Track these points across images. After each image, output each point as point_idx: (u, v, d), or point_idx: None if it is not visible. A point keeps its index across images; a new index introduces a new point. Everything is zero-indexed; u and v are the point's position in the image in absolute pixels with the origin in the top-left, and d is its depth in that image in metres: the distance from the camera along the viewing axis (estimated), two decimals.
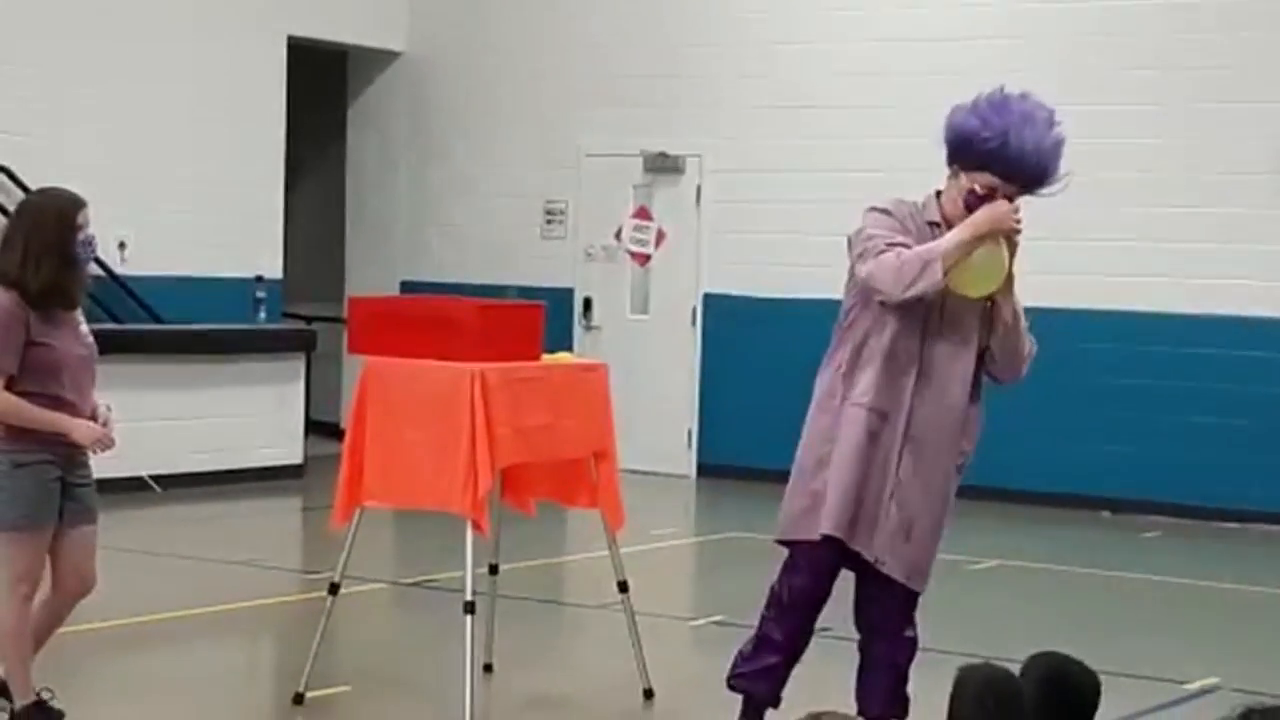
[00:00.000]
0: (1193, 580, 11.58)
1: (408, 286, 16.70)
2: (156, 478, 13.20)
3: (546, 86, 16.53)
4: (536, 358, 7.73)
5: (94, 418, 6.88)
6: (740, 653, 6.75)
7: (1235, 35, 13.87)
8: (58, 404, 6.76)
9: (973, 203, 6.41)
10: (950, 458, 6.57)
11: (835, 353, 6.57)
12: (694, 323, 15.84)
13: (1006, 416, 14.48)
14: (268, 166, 15.64)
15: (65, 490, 6.86)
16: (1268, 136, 13.71)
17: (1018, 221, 6.43)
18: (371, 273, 17.25)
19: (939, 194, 6.58)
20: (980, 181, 6.42)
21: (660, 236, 16.02)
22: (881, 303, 6.38)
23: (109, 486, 7.23)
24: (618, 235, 16.19)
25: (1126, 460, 14.15)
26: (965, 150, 6.42)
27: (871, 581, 6.60)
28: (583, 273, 16.35)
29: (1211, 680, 8.56)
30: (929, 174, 6.77)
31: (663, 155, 15.89)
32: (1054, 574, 11.71)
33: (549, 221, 16.61)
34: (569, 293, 16.18)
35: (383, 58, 17.35)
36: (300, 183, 17.34)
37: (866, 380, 6.43)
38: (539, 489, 8.11)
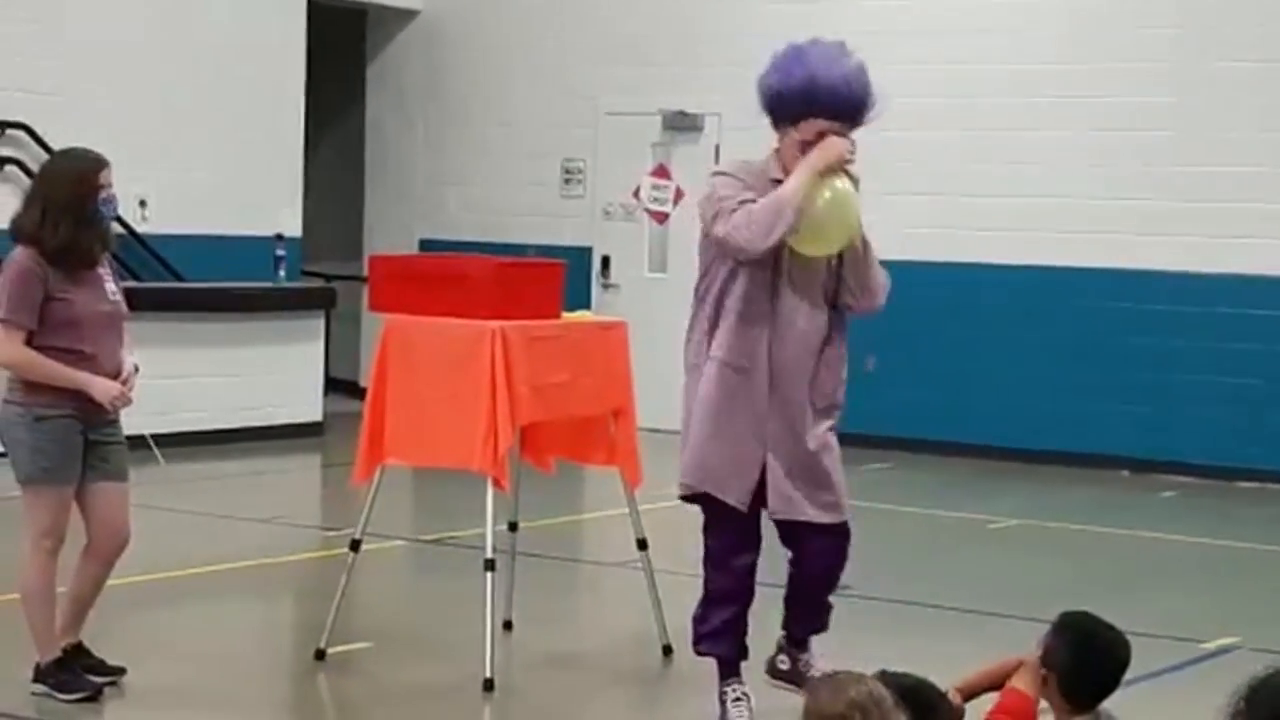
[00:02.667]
0: (1211, 540, 11.58)
1: (426, 245, 16.70)
2: (176, 435, 13.26)
3: (565, 45, 16.50)
4: (556, 316, 7.74)
5: (117, 374, 6.91)
6: (694, 618, 6.84)
7: None
8: (79, 359, 6.80)
9: (809, 151, 6.48)
10: (806, 396, 6.58)
11: (697, 319, 6.73)
12: None
13: (1026, 376, 14.56)
14: (287, 125, 15.65)
15: (92, 448, 6.90)
16: None
17: (851, 151, 6.50)
18: (390, 231, 17.26)
19: (777, 152, 6.65)
20: (809, 130, 6.50)
21: (679, 195, 16.00)
22: (737, 261, 6.48)
23: (132, 444, 7.25)
24: (636, 194, 16.18)
25: (1145, 420, 14.14)
26: (783, 106, 6.55)
27: (799, 533, 6.70)
28: (601, 231, 16.35)
29: (1230, 640, 8.56)
30: (949, 130, 6.79)
31: (681, 113, 15.86)
32: (1073, 533, 11.72)
33: (567, 180, 16.61)
34: (587, 251, 16.18)
35: (401, 16, 17.34)
36: (319, 141, 17.35)
37: (722, 336, 6.58)
38: (558, 447, 8.14)
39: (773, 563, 6.94)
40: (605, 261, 16.30)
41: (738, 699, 6.79)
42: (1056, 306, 14.36)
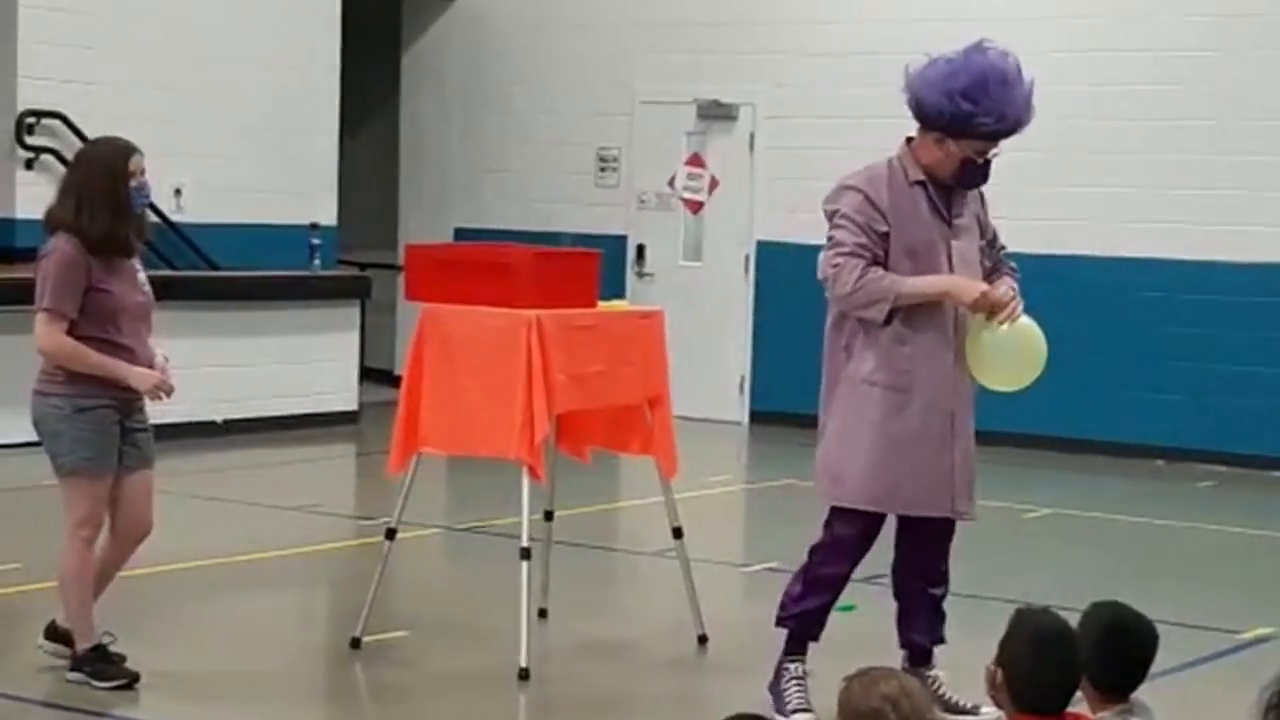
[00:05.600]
0: (1246, 530, 11.54)
1: (461, 234, 16.72)
2: (210, 424, 13.35)
3: (600, 33, 16.50)
4: (592, 305, 7.74)
5: (151, 366, 6.94)
6: (789, 594, 6.84)
7: None
8: (115, 350, 6.83)
9: (968, 172, 6.59)
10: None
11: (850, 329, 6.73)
12: (746, 270, 15.83)
13: (1060, 366, 14.48)
14: (323, 114, 15.66)
15: (124, 435, 6.93)
16: None
17: (1003, 304, 6.59)
18: (426, 220, 17.28)
19: (909, 141, 6.71)
20: (968, 149, 6.58)
21: (713, 184, 16.00)
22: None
23: (166, 432, 7.27)
24: (671, 183, 16.17)
25: (1180, 409, 14.09)
26: (951, 124, 6.55)
27: (916, 527, 6.67)
28: (636, 220, 16.35)
29: (1266, 630, 8.54)
30: None
31: (716, 103, 15.86)
32: (1107, 523, 11.69)
33: (602, 169, 16.61)
34: (622, 240, 16.18)
35: (438, 5, 17.35)
36: (355, 130, 17.37)
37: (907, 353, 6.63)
38: (594, 436, 8.14)
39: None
40: (640, 250, 16.30)
41: (797, 678, 6.80)
42: (1092, 296, 14.31)
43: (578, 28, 16.62)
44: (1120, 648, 4.48)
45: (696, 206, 16.10)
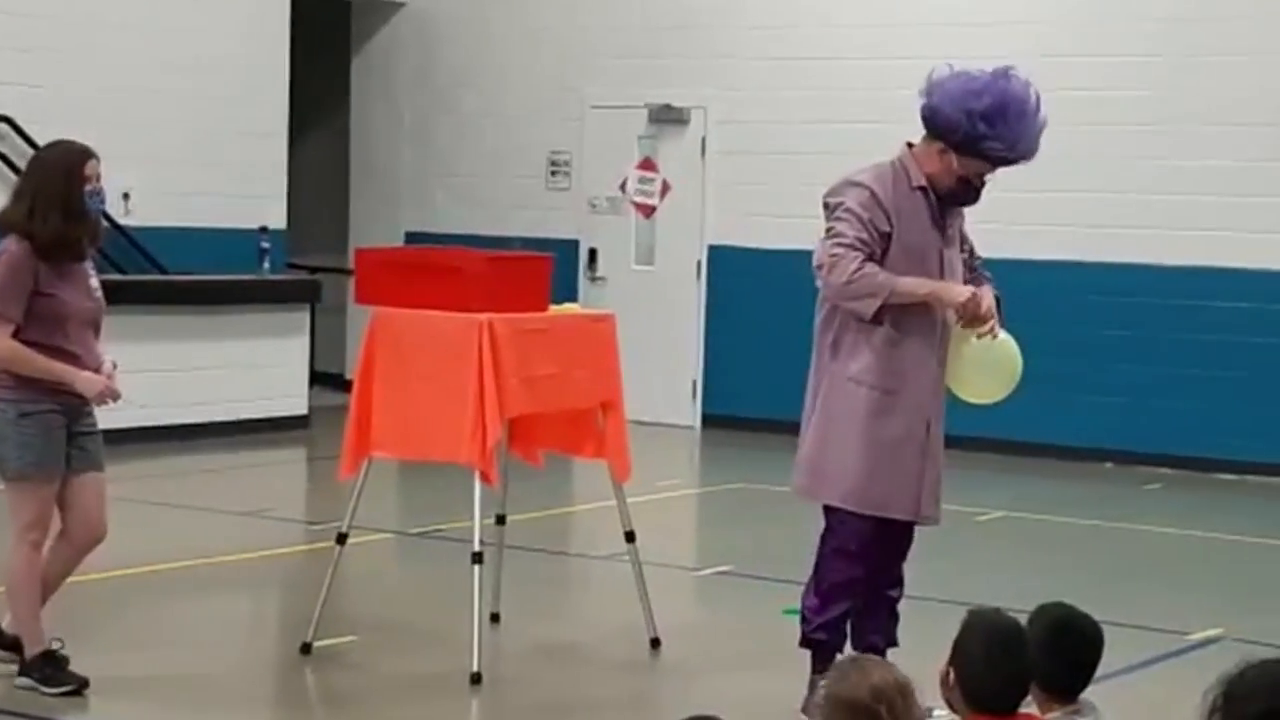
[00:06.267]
0: (1194, 531, 11.61)
1: (412, 238, 16.69)
2: (159, 429, 13.27)
3: (551, 37, 16.49)
4: (544, 309, 7.74)
5: (98, 371, 6.91)
6: (807, 608, 6.81)
7: None
8: (60, 356, 6.80)
9: (962, 190, 6.64)
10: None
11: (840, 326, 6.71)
12: (698, 275, 15.84)
13: None
14: (272, 117, 15.62)
15: (71, 439, 6.90)
16: (1268, 89, 13.68)
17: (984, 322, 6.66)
18: (376, 224, 17.25)
19: (910, 146, 6.71)
20: (969, 168, 6.62)
21: (665, 188, 16.01)
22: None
23: (113, 438, 7.23)
24: (623, 187, 16.17)
25: (1128, 412, 14.16)
26: (969, 148, 6.58)
27: (881, 534, 6.71)
28: (587, 224, 16.35)
29: (1214, 631, 8.59)
30: None
31: (668, 107, 15.87)
32: (1058, 525, 11.75)
33: (554, 173, 16.60)
34: (574, 244, 16.17)
35: (387, 8, 17.32)
36: (305, 134, 17.32)
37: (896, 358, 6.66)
38: (546, 440, 8.13)
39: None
40: (592, 254, 16.30)
41: None
42: (1037, 299, 14.35)
43: (528, 31, 16.61)
44: (1067, 649, 4.51)
45: (648, 210, 16.11)
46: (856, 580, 6.74)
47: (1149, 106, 14.03)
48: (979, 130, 6.51)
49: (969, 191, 6.71)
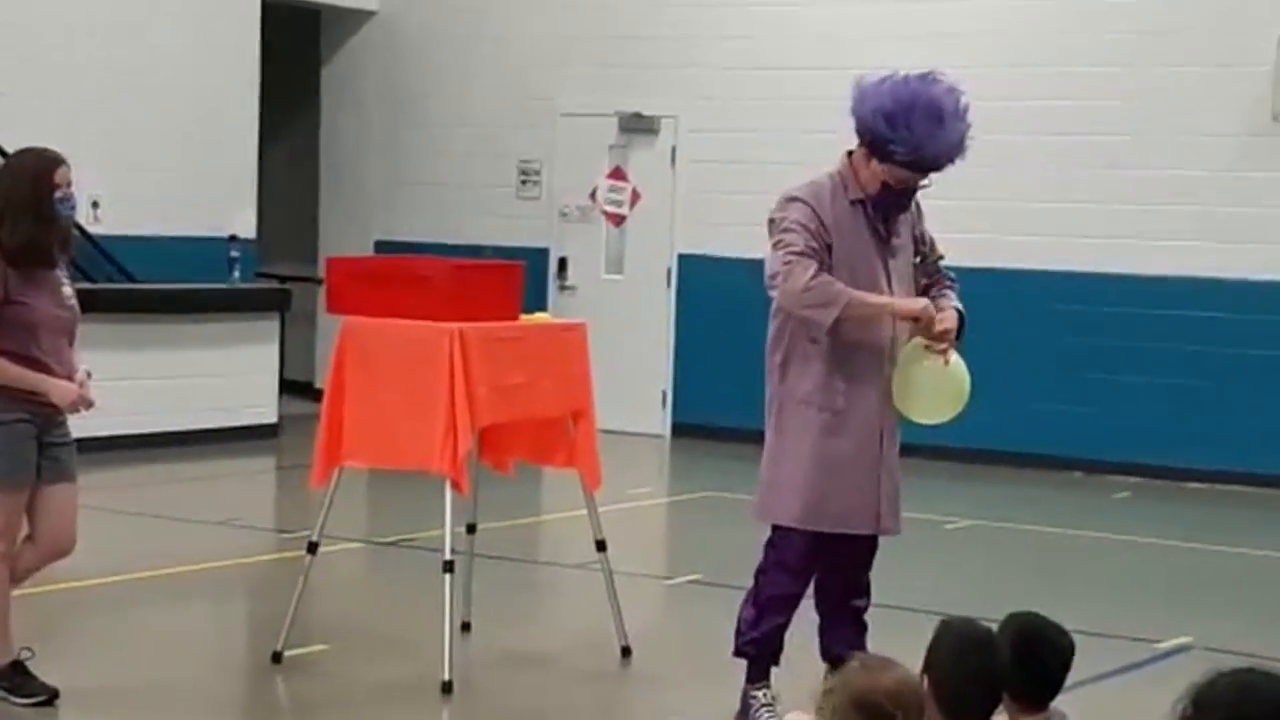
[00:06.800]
0: (1163, 540, 11.64)
1: (382, 246, 16.67)
2: (129, 437, 13.24)
3: (521, 46, 16.50)
4: (515, 317, 7.74)
5: (71, 379, 6.88)
6: (743, 620, 6.83)
7: None
8: (32, 365, 6.77)
9: (885, 195, 6.57)
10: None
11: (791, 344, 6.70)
12: (668, 283, 15.85)
13: (979, 379, 14.57)
14: (242, 126, 15.60)
15: (43, 449, 6.87)
16: (1233, 100, 13.74)
17: (939, 332, 6.61)
18: (346, 233, 17.23)
19: (850, 154, 6.67)
20: (892, 175, 6.54)
21: (635, 197, 16.02)
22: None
23: (82, 446, 7.21)
24: (593, 195, 16.18)
25: (1097, 421, 14.21)
26: (877, 146, 6.51)
27: (840, 542, 6.71)
28: (558, 233, 16.36)
29: (1184, 640, 8.62)
30: None
31: (638, 115, 15.88)
32: (1027, 534, 11.78)
33: (524, 181, 16.60)
34: (544, 253, 16.18)
35: (357, 17, 17.30)
36: (274, 142, 17.29)
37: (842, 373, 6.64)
38: (517, 449, 8.13)
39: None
40: (562, 263, 16.30)
41: (767, 705, 6.79)
42: (1007, 308, 14.42)
43: (498, 40, 16.61)
44: (1037, 658, 4.52)
45: (618, 219, 16.12)
46: (794, 596, 6.76)
47: (1119, 117, 14.09)
48: (882, 131, 6.44)
49: (890, 198, 6.60)
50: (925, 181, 6.61)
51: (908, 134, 6.41)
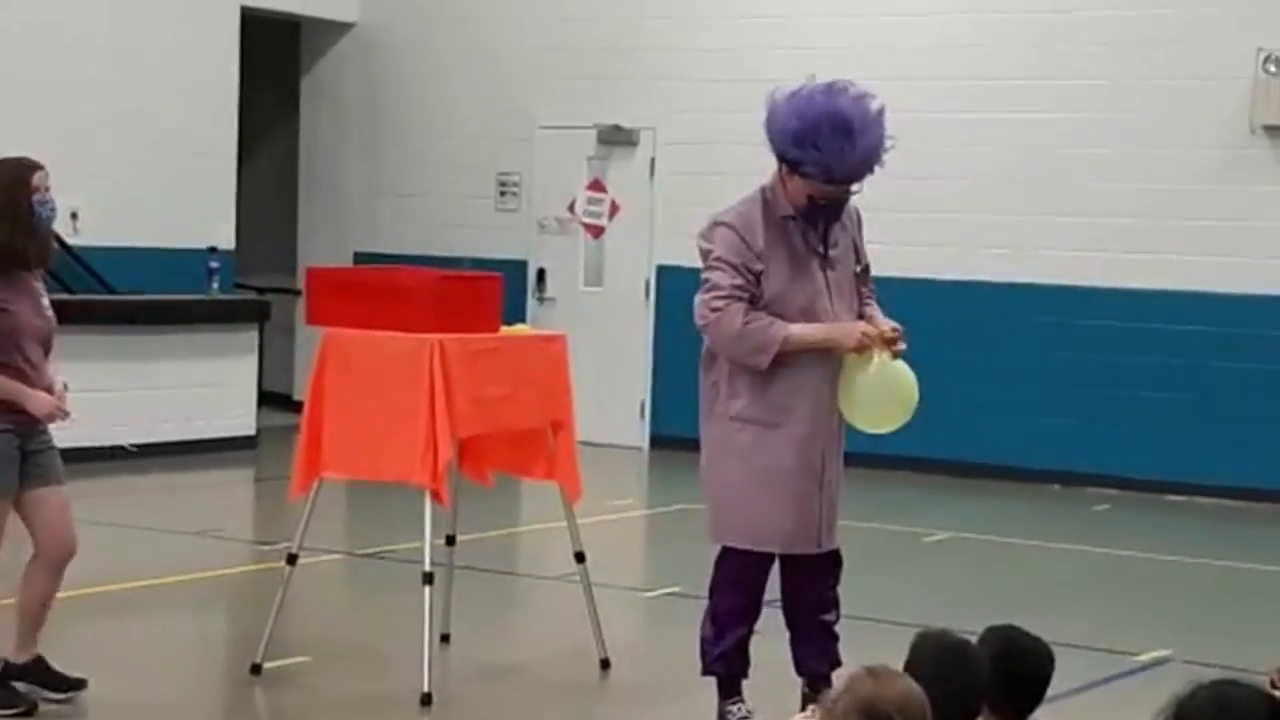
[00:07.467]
0: (1141, 553, 11.66)
1: (361, 258, 16.66)
2: (107, 449, 13.21)
3: (500, 58, 16.50)
4: (495, 329, 7.74)
5: (50, 390, 6.88)
6: (704, 639, 6.81)
7: (1183, 11, 13.93)
8: (15, 374, 6.76)
9: (812, 209, 6.49)
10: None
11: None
12: (647, 295, 15.86)
13: (957, 391, 14.63)
14: (221, 137, 15.59)
15: (26, 457, 6.86)
16: (1212, 113, 13.79)
17: (871, 336, 6.54)
18: (325, 244, 17.21)
19: (782, 181, 6.58)
20: (815, 191, 6.47)
21: (614, 209, 16.03)
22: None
23: (62, 457, 7.19)
24: (571, 207, 16.19)
25: (1075, 434, 14.24)
26: (790, 160, 6.45)
27: (799, 560, 6.70)
28: (536, 245, 16.36)
29: (1162, 652, 8.63)
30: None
31: (617, 128, 15.89)
32: (1006, 546, 11.79)
33: (502, 193, 16.60)
34: (522, 265, 16.18)
35: (336, 29, 17.30)
36: (253, 154, 17.29)
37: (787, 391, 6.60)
38: (497, 460, 8.13)
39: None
40: (541, 275, 16.30)
41: (744, 717, 6.78)
42: (986, 322, 14.46)
43: (477, 52, 16.62)
44: (1016, 670, 4.53)
45: (597, 231, 16.13)
46: (748, 607, 6.72)
47: (1098, 129, 14.13)
48: (791, 153, 6.39)
49: (817, 211, 6.52)
50: (855, 188, 6.52)
51: (816, 152, 6.33)
